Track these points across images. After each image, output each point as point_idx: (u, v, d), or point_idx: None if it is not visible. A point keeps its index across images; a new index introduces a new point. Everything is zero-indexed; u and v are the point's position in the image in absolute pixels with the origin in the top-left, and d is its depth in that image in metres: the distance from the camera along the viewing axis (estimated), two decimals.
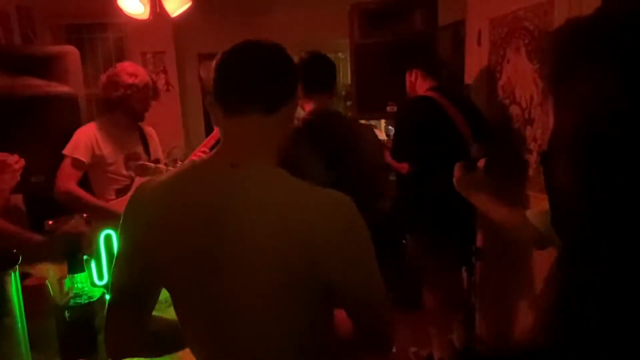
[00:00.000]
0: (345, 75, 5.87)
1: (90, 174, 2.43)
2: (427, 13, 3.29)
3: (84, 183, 2.45)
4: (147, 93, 2.44)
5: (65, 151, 2.36)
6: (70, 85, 2.88)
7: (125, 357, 1.10)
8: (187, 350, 1.17)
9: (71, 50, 2.88)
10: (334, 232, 0.92)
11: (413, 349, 3.06)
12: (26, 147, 2.55)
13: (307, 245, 0.91)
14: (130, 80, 2.37)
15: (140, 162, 2.38)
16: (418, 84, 2.76)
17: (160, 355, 1.15)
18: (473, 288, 3.16)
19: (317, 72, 2.13)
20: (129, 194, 2.37)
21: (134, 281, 1.03)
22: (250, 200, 0.94)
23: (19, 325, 0.77)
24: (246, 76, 0.97)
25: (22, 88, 2.68)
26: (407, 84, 2.84)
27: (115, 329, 1.05)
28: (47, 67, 2.83)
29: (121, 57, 4.87)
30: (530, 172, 2.60)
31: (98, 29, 4.85)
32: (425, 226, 2.72)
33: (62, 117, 2.69)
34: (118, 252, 1.04)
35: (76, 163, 2.34)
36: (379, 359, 1.50)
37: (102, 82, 2.45)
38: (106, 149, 2.38)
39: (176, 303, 1.05)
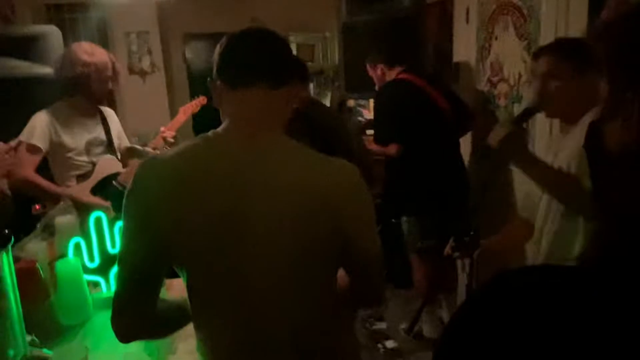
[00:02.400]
0: (332, 56, 5.83)
1: (50, 160, 2.36)
2: None
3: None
4: (107, 74, 2.32)
5: (21, 137, 2.27)
6: (52, 66, 2.82)
7: (137, 339, 1.10)
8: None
9: (53, 31, 2.81)
10: (349, 193, 1.01)
11: (403, 325, 3.10)
12: (7, 129, 2.51)
13: (328, 206, 0.98)
14: (87, 58, 2.26)
15: (130, 146, 2.34)
16: (387, 76, 2.80)
17: (165, 336, 1.15)
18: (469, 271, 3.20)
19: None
20: (90, 179, 2.33)
21: (147, 260, 1.01)
22: (272, 168, 0.99)
23: (14, 306, 0.77)
24: (253, 51, 1.03)
25: (2, 69, 2.62)
26: (376, 80, 2.86)
27: (128, 312, 1.03)
28: (28, 48, 2.76)
29: (104, 38, 4.77)
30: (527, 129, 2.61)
31: (80, 8, 4.74)
32: (419, 206, 2.73)
33: (45, 99, 2.63)
34: (127, 231, 1.01)
35: (32, 149, 2.26)
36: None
37: (57, 62, 2.35)
38: (65, 135, 2.31)
39: (192, 275, 1.04)
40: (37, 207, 2.80)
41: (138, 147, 2.39)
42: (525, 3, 2.45)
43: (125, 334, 1.06)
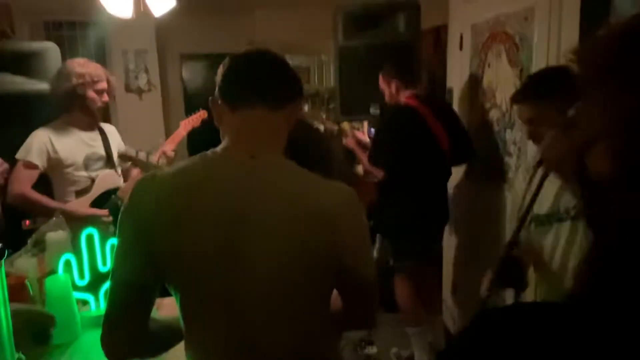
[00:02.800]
0: (327, 78, 5.89)
1: (50, 177, 2.39)
2: (410, 17, 3.32)
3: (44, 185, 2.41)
4: (101, 85, 2.38)
5: (18, 155, 2.31)
6: (50, 83, 2.83)
7: (126, 358, 1.07)
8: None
9: (51, 47, 2.83)
10: (346, 216, 1.01)
11: (394, 350, 3.08)
12: (5, 144, 2.51)
13: (325, 228, 0.98)
14: (80, 69, 2.32)
15: (122, 151, 2.34)
16: (400, 94, 2.81)
17: (155, 355, 1.14)
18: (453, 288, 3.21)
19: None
20: (90, 194, 2.35)
21: (140, 277, 1.00)
22: (271, 189, 0.99)
23: (4, 322, 0.76)
24: (255, 73, 1.04)
25: (0, 85, 2.63)
26: (388, 95, 2.87)
27: (119, 329, 1.02)
28: (26, 63, 2.77)
29: (102, 56, 4.81)
30: (510, 174, 2.65)
31: (78, 26, 4.78)
32: (397, 230, 2.75)
33: (42, 115, 2.64)
34: (122, 246, 1.01)
35: (28, 166, 2.29)
36: None
37: (53, 78, 2.41)
38: (63, 152, 2.33)
39: (185, 295, 1.03)
40: (27, 222, 2.78)
41: (132, 150, 2.38)
42: (518, 32, 2.51)
43: (114, 352, 1.04)
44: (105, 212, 2.31)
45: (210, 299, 1.01)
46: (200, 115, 2.93)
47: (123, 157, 2.42)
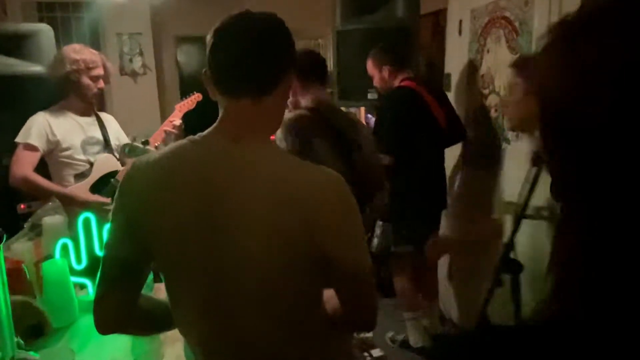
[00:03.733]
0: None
1: (48, 161, 2.39)
2: (409, 1, 3.29)
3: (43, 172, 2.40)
4: (97, 72, 2.37)
5: (18, 139, 2.32)
6: (43, 64, 2.79)
7: (115, 332, 1.09)
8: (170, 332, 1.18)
9: (45, 29, 2.79)
10: (329, 205, 0.96)
11: (390, 334, 3.10)
12: None
13: (305, 217, 0.94)
14: (75, 56, 2.32)
15: (127, 142, 2.32)
16: (392, 79, 2.78)
17: (149, 334, 1.14)
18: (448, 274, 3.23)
19: (313, 65, 2.12)
20: (89, 178, 2.35)
21: (128, 256, 1.02)
22: (252, 174, 0.96)
23: (3, 307, 0.75)
24: (238, 57, 0.96)
25: None
26: (378, 80, 2.84)
27: (107, 303, 1.03)
28: (19, 45, 2.73)
29: (96, 38, 4.74)
30: (507, 160, 2.65)
31: (72, 7, 4.71)
32: (398, 214, 2.75)
33: (36, 98, 2.61)
34: (112, 227, 1.03)
35: (29, 149, 2.30)
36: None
37: (49, 64, 2.42)
38: (61, 135, 2.33)
39: (169, 278, 1.04)
40: (23, 206, 2.77)
41: (134, 144, 2.35)
42: (518, 17, 2.49)
43: (103, 324, 1.06)
44: (107, 200, 2.30)
45: (192, 281, 1.01)
46: (195, 98, 2.91)
47: (127, 149, 2.36)
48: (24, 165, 2.29)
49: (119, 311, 1.05)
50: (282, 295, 0.99)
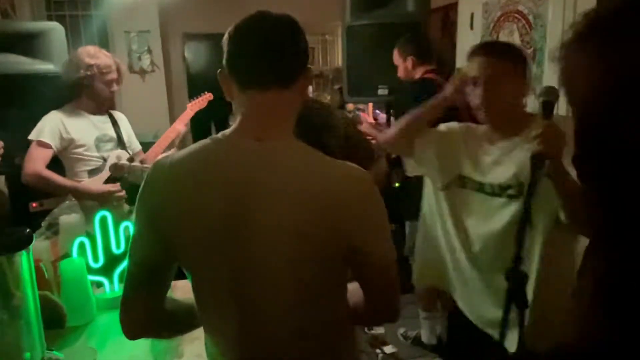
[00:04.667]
0: (332, 59, 5.83)
1: (62, 159, 2.41)
2: None
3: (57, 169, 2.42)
4: (110, 77, 2.39)
5: (31, 136, 2.34)
6: (54, 63, 2.79)
7: (143, 336, 1.09)
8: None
9: (56, 27, 2.79)
10: (356, 199, 0.97)
11: (402, 330, 3.09)
12: (9, 127, 2.49)
13: (333, 213, 0.94)
14: (90, 61, 2.34)
15: (114, 162, 2.29)
16: (415, 70, 2.76)
17: (174, 336, 1.13)
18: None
19: None
20: (102, 173, 2.37)
21: (153, 258, 1.01)
22: (277, 172, 0.96)
23: (32, 307, 0.75)
24: (262, 49, 0.96)
25: (4, 65, 2.59)
26: (402, 70, 2.82)
27: (134, 308, 1.03)
28: (30, 44, 2.73)
29: (104, 36, 4.74)
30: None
31: (80, 5, 4.71)
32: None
33: (47, 97, 2.61)
34: (136, 229, 1.02)
35: (42, 145, 2.32)
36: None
37: (64, 65, 2.45)
38: (74, 132, 2.36)
39: (196, 278, 1.04)
40: (34, 204, 2.78)
41: (125, 163, 2.29)
42: (532, 10, 2.46)
43: (132, 329, 1.06)
44: (117, 186, 2.32)
45: (219, 280, 1.01)
46: (206, 97, 2.92)
47: (116, 168, 2.31)
48: (36, 162, 2.30)
49: (147, 316, 1.04)
50: (310, 291, 1.00)
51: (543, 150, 1.29)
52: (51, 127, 2.33)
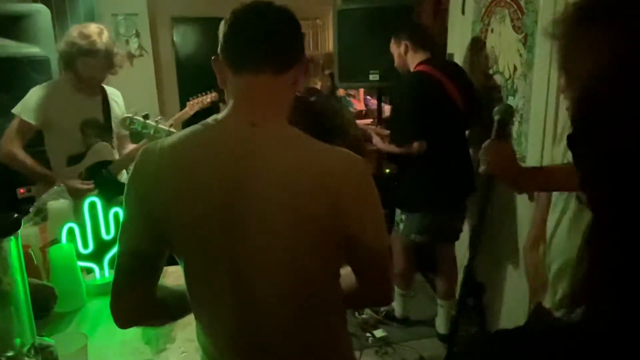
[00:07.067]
0: (323, 44, 5.79)
1: (45, 137, 2.33)
2: None
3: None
4: (96, 61, 2.23)
5: (15, 110, 2.26)
6: (41, 46, 2.75)
7: (135, 325, 1.09)
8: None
9: (42, 10, 2.75)
10: (351, 185, 0.98)
11: (382, 309, 3.14)
12: None
13: (329, 200, 0.95)
14: (74, 39, 2.19)
15: (128, 115, 2.27)
16: (409, 57, 2.71)
17: (164, 323, 1.13)
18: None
19: None
20: (80, 164, 2.31)
21: (144, 246, 1.00)
22: (272, 158, 0.96)
23: (22, 293, 0.74)
24: (258, 33, 0.97)
25: None
26: (396, 57, 2.77)
27: (126, 298, 1.02)
28: (16, 26, 2.69)
29: (91, 18, 4.65)
30: (511, 141, 2.64)
31: None
32: (423, 205, 2.71)
33: (34, 80, 2.57)
34: (127, 216, 1.01)
35: (23, 124, 2.25)
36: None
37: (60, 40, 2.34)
38: (59, 112, 2.27)
39: (189, 264, 1.03)
40: (22, 190, 2.75)
41: (135, 117, 2.29)
42: None
43: (123, 318, 1.05)
44: (89, 186, 2.25)
45: (213, 266, 1.00)
46: (212, 97, 2.76)
47: (125, 122, 2.32)
48: (12, 141, 2.24)
49: (138, 304, 1.04)
50: (305, 275, 1.00)
51: (487, 170, 1.43)
52: (36, 103, 2.24)
